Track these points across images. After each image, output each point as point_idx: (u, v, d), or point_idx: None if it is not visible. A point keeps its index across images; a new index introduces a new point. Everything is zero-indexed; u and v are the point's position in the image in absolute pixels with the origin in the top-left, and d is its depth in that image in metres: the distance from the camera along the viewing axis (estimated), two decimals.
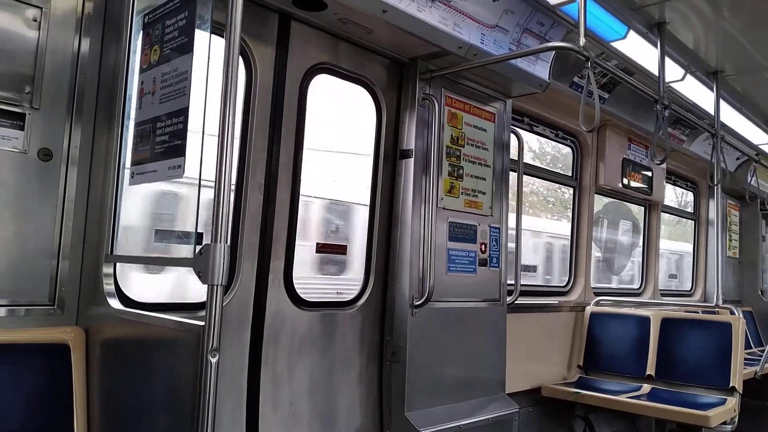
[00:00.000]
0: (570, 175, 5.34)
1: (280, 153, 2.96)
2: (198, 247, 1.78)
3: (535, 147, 5.36)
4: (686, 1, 3.87)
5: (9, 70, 2.25)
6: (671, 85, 4.69)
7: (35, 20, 2.30)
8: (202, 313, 1.75)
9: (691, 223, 7.44)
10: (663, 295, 6.60)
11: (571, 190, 5.37)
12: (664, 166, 6.00)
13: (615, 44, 4.12)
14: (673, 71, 4.60)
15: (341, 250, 3.43)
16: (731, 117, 5.71)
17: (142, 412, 2.08)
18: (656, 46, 4.22)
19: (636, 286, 6.47)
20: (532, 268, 5.07)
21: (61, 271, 2.35)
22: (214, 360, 1.70)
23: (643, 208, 6.46)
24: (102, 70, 2.44)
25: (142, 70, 2.19)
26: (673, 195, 7.33)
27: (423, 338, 3.29)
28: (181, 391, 1.85)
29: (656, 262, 6.42)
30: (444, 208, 3.45)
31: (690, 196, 7.57)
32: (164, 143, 1.97)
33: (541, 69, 3.74)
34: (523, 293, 4.15)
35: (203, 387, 1.70)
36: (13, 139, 2.25)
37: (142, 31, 2.23)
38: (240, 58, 1.90)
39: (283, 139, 2.97)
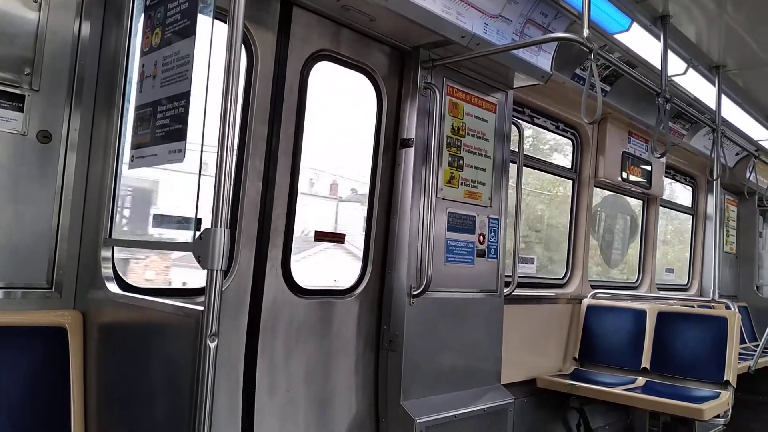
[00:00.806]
0: (570, 167, 5.34)
1: (279, 140, 2.95)
2: (197, 233, 1.77)
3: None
4: None
5: (9, 51, 2.23)
6: (673, 78, 4.68)
7: (36, 1, 2.28)
8: (200, 299, 1.74)
9: None
10: (659, 289, 6.63)
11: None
12: (663, 160, 6.00)
13: (618, 36, 4.11)
14: (676, 65, 4.59)
15: (339, 238, 3.43)
16: (732, 112, 5.71)
17: (139, 396, 2.09)
18: (659, 39, 4.21)
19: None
20: (529, 260, 5.07)
21: (59, 254, 2.34)
22: (213, 345, 1.70)
23: (641, 201, 6.47)
24: (102, 53, 2.42)
25: (143, 53, 2.17)
26: None
27: (420, 328, 3.30)
28: (180, 375, 1.86)
29: (653, 255, 6.44)
30: (443, 199, 3.44)
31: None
32: (165, 127, 1.96)
33: (544, 60, 3.73)
34: (521, 285, 4.15)
35: (202, 371, 1.71)
36: (12, 120, 2.24)
37: (143, 14, 2.22)
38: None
39: (283, 126, 2.96)
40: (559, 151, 5.52)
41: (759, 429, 6.03)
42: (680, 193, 7.52)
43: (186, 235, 1.99)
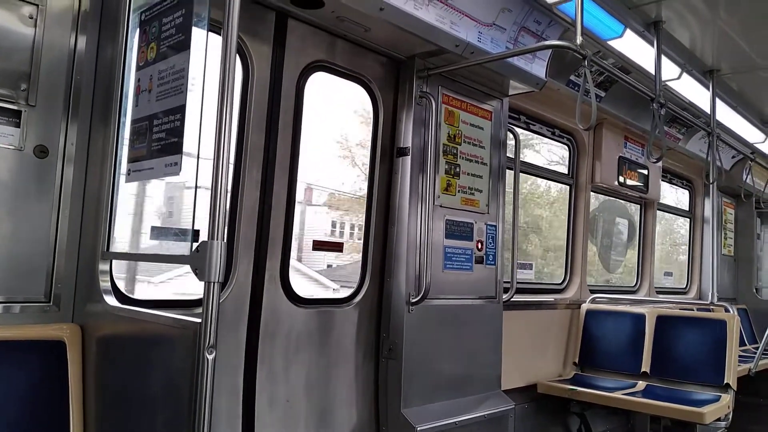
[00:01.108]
0: (566, 173, 5.36)
1: (276, 151, 2.97)
2: (195, 245, 1.78)
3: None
4: None
5: (5, 66, 2.25)
6: (667, 83, 4.70)
7: (31, 17, 2.30)
8: (199, 310, 1.75)
9: None
10: (658, 292, 6.63)
11: None
12: (660, 164, 6.02)
13: (612, 43, 4.13)
14: (670, 70, 4.61)
15: (337, 247, 3.43)
16: (727, 115, 5.73)
17: (138, 410, 2.09)
18: (653, 45, 4.23)
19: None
20: (528, 266, 5.08)
21: (57, 268, 2.34)
22: (210, 357, 1.70)
23: (638, 206, 6.49)
24: (98, 68, 2.44)
25: (138, 68, 2.19)
26: None
27: (419, 335, 3.30)
28: (178, 388, 1.86)
29: (652, 259, 6.45)
30: (441, 206, 3.45)
31: None
32: (161, 141, 1.97)
33: (538, 67, 3.75)
34: (519, 290, 4.16)
35: (200, 384, 1.71)
36: (9, 136, 2.25)
37: (138, 29, 2.23)
38: (237, 55, 1.90)
39: (279, 137, 2.98)
40: (529, 147, 5.49)
41: (760, 431, 6.02)
42: (668, 194, 7.50)
43: (184, 248, 2.00)
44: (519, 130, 4.28)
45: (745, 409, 5.14)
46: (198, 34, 1.95)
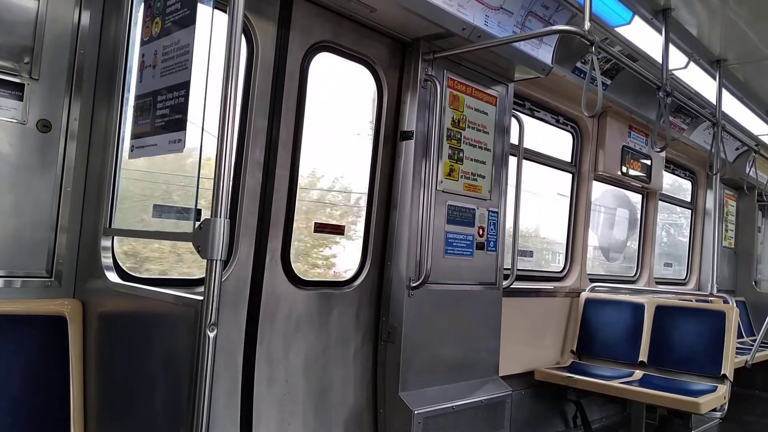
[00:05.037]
0: (569, 161, 5.34)
1: (280, 131, 2.95)
2: (197, 223, 1.77)
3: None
4: None
5: (9, 39, 2.23)
6: (674, 72, 4.67)
7: None
8: (200, 289, 1.75)
9: None
10: (658, 283, 6.64)
11: None
12: (663, 154, 6.00)
13: (619, 30, 4.10)
14: (677, 59, 4.58)
15: (339, 230, 3.43)
16: (732, 106, 5.70)
17: (138, 386, 2.10)
18: (660, 33, 4.20)
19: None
20: (528, 253, 5.08)
21: (59, 243, 2.34)
22: (212, 334, 1.71)
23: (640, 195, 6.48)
24: (102, 42, 2.42)
25: (143, 43, 2.17)
26: None
27: (418, 319, 3.31)
28: (178, 365, 1.86)
29: (652, 249, 6.45)
30: (443, 191, 3.44)
31: None
32: (165, 117, 1.96)
33: (545, 53, 3.72)
34: (519, 278, 4.16)
35: (200, 361, 1.71)
36: (12, 109, 2.24)
37: (143, 3, 2.21)
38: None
39: (283, 118, 2.96)
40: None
41: (755, 423, 6.06)
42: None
43: (186, 226, 1.99)
44: (523, 117, 4.26)
45: (741, 400, 5.18)
46: (203, 11, 1.92)
